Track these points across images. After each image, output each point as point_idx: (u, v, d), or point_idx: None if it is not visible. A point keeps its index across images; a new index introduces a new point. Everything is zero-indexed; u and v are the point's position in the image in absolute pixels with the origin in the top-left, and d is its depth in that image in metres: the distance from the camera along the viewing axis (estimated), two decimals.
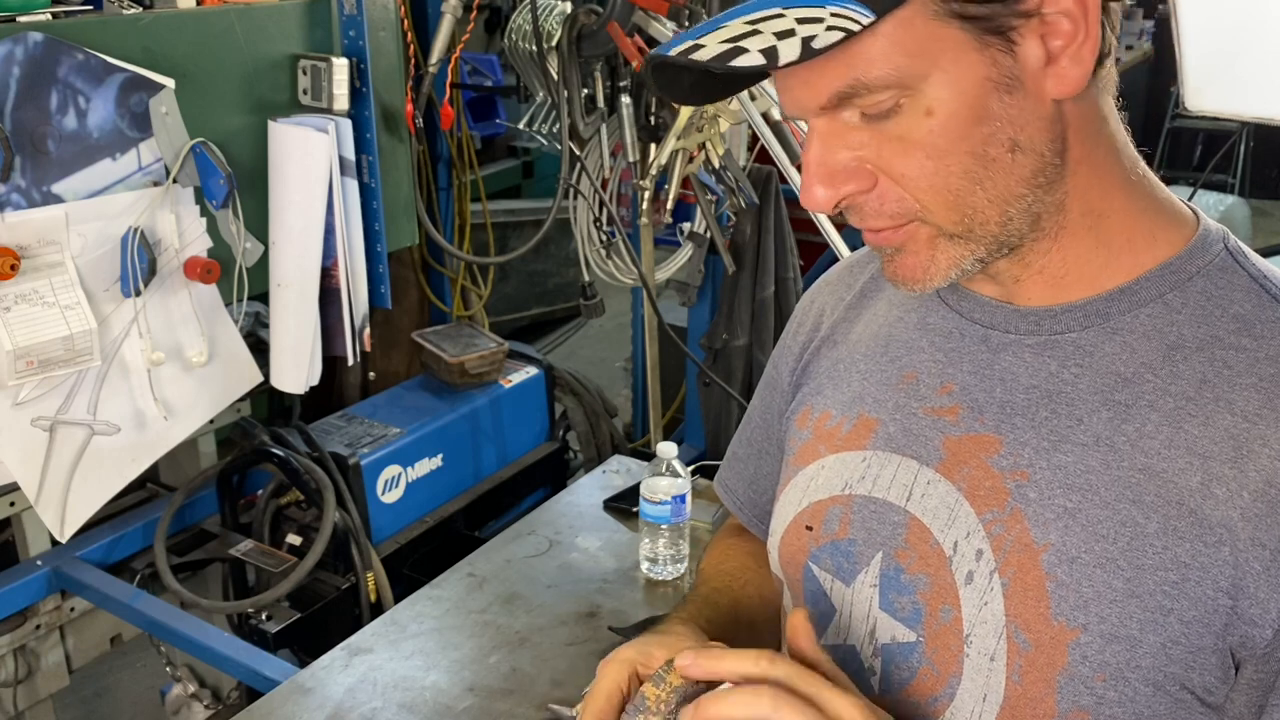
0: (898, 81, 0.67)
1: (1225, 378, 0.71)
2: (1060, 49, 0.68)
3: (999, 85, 0.68)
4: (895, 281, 0.77)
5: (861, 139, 0.71)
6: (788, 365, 0.98)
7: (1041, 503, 0.73)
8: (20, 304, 1.65)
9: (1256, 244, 0.80)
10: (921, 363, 0.84)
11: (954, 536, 0.77)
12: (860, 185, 0.72)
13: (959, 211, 0.71)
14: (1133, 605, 0.69)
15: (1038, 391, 0.76)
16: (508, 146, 5.81)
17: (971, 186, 0.70)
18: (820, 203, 0.72)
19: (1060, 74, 0.69)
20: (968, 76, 0.67)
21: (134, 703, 2.87)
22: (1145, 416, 0.72)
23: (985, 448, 0.77)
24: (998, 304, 0.80)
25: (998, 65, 0.68)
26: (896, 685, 0.79)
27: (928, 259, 0.74)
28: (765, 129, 2.18)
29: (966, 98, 0.68)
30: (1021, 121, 0.69)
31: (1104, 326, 0.75)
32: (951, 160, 0.69)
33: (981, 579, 0.75)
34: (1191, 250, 0.76)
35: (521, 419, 2.71)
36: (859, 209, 0.73)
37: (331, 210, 1.99)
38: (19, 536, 2.16)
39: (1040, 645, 0.72)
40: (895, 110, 0.68)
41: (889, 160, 0.70)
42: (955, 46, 0.67)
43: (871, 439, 0.84)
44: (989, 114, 0.68)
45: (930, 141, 0.69)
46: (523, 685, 1.55)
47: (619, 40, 2.10)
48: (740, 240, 2.75)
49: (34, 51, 1.63)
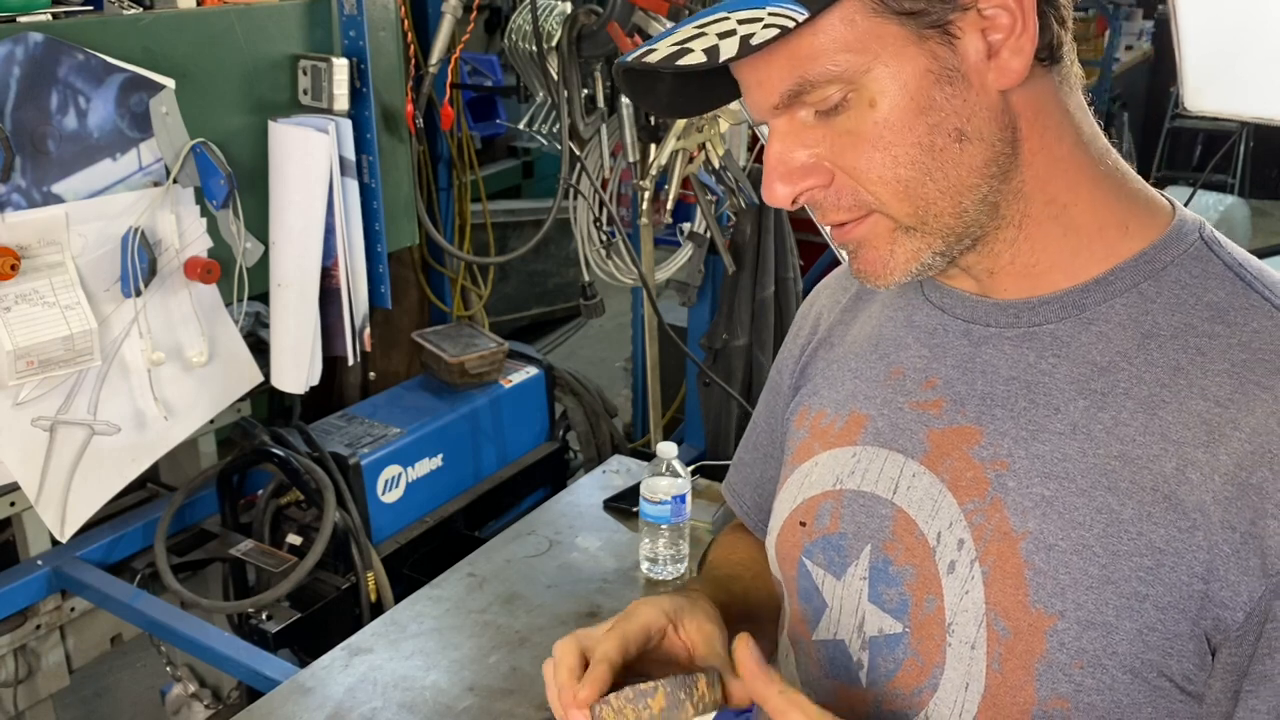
0: (840, 76, 0.70)
1: (1198, 364, 0.72)
2: (1000, 42, 0.71)
3: (940, 77, 0.71)
4: (860, 277, 0.79)
5: (816, 136, 0.74)
6: (788, 368, 1.00)
7: (1020, 491, 0.75)
8: (20, 304, 1.65)
9: (1256, 244, 0.81)
10: (908, 359, 0.85)
11: (937, 527, 0.78)
12: (818, 180, 0.75)
13: (911, 203, 0.73)
14: (1108, 591, 0.70)
15: (1017, 383, 0.78)
16: (508, 146, 5.81)
17: (921, 177, 0.72)
18: (780, 198, 0.75)
19: (1002, 66, 0.71)
20: (908, 69, 0.70)
21: (134, 703, 2.87)
22: (1121, 404, 0.73)
23: (967, 439, 0.79)
24: (977, 299, 0.81)
25: (937, 58, 0.70)
26: (883, 677, 0.80)
27: (887, 253, 0.76)
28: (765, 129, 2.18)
29: (909, 90, 0.70)
30: (967, 112, 0.72)
31: (1080, 317, 0.77)
32: (898, 151, 0.72)
33: (963, 568, 0.76)
34: (1166, 240, 0.77)
35: (521, 419, 2.71)
36: (819, 204, 0.76)
37: (331, 210, 1.99)
38: (19, 536, 2.16)
39: (1019, 632, 0.73)
40: (843, 105, 0.72)
41: (841, 155, 0.73)
42: (895, 41, 0.70)
43: (861, 434, 0.86)
44: (932, 105, 0.71)
45: (876, 134, 0.72)
46: (523, 685, 1.55)
47: (619, 40, 2.09)
48: (740, 240, 2.75)
49: (34, 52, 1.63)
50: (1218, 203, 3.95)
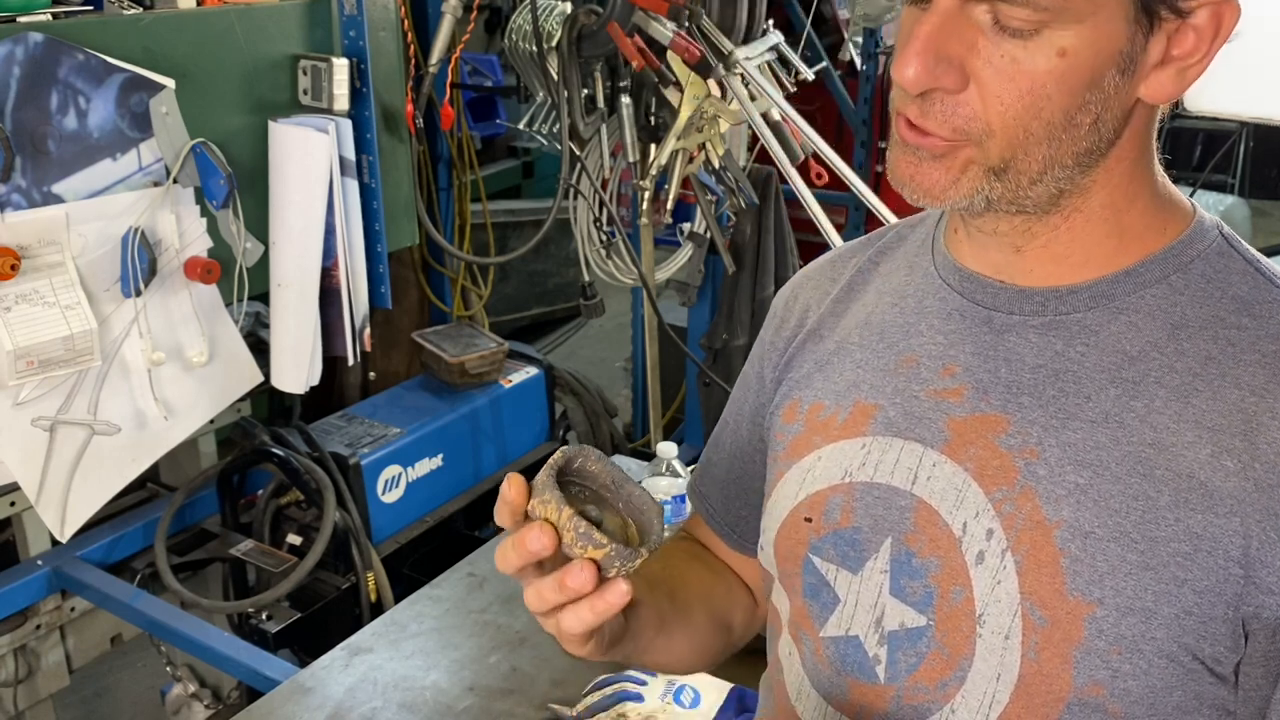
0: (1058, 10, 0.67)
1: (1230, 354, 0.73)
2: (1177, 58, 0.70)
3: (1120, 63, 0.69)
4: (909, 186, 0.75)
5: (978, 42, 0.69)
6: (770, 362, 0.98)
7: (1052, 480, 0.74)
8: (21, 304, 1.65)
9: (1256, 244, 0.81)
10: (921, 346, 0.84)
11: (963, 517, 0.77)
12: (952, 83, 0.70)
13: (1014, 151, 0.71)
14: (1148, 578, 0.70)
15: (1044, 371, 0.77)
16: (508, 146, 5.81)
17: (1043, 138, 0.71)
18: (910, 79, 0.70)
19: (1161, 80, 0.71)
20: (1109, 41, 0.68)
21: (134, 703, 2.87)
22: (1153, 393, 0.73)
23: (992, 427, 0.78)
24: (1000, 285, 0.80)
25: (1132, 44, 0.69)
26: (904, 671, 0.79)
27: (955, 175, 0.73)
28: (765, 129, 2.18)
29: (1098, 60, 0.69)
30: (1113, 104, 0.71)
31: (1109, 306, 0.76)
32: (1046, 106, 0.69)
33: (993, 558, 0.75)
34: (1190, 236, 0.77)
35: (521, 419, 2.71)
36: (930, 105, 0.72)
37: (332, 210, 1.99)
38: (19, 536, 2.17)
39: (1056, 621, 0.72)
40: (1029, 34, 0.68)
41: (992, 75, 0.69)
42: (1115, 8, 0.68)
43: (870, 425, 0.84)
44: (1099, 84, 0.69)
45: (1043, 79, 0.68)
46: (523, 685, 1.55)
47: (619, 40, 2.10)
48: (740, 240, 2.75)
49: (34, 52, 1.63)
50: (1218, 203, 3.95)
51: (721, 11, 2.20)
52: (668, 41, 2.07)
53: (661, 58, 2.14)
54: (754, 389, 1.00)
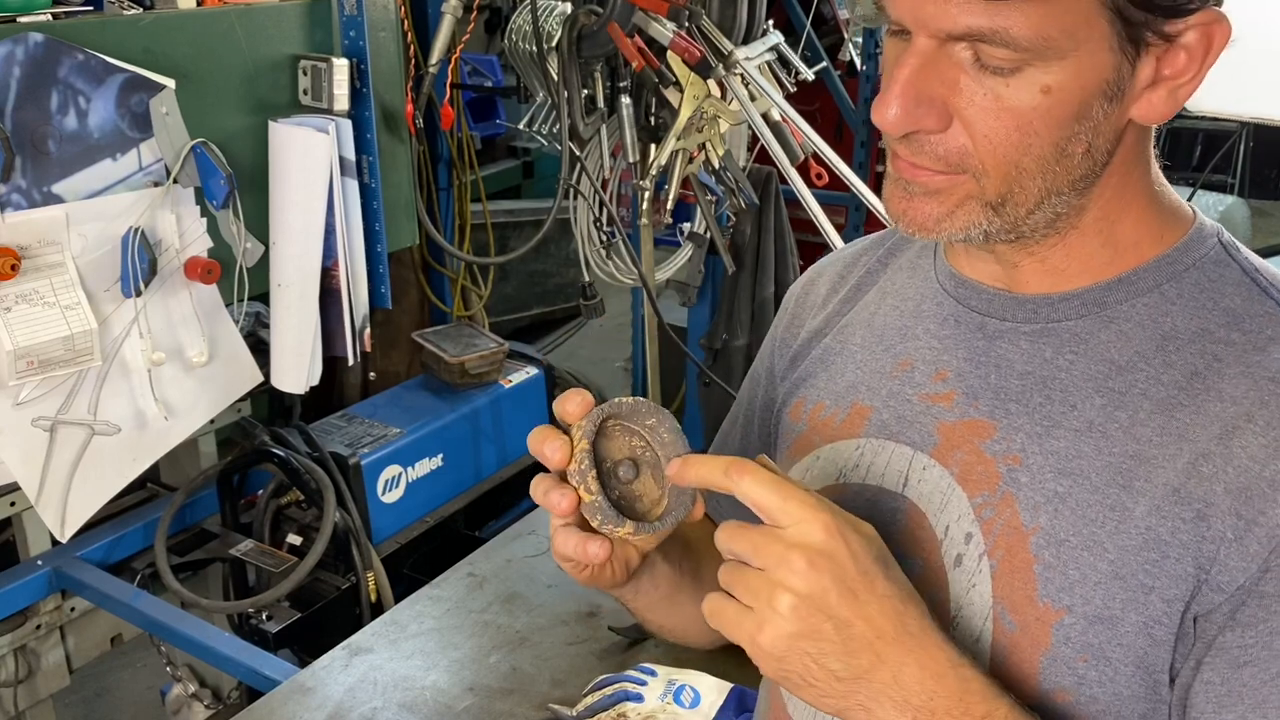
0: (1037, 48, 0.66)
1: (1215, 369, 0.73)
2: (1168, 77, 0.69)
3: (1108, 91, 0.69)
4: (903, 220, 0.75)
5: (960, 81, 0.69)
6: (780, 357, 0.99)
7: (1032, 486, 0.75)
8: (21, 304, 1.65)
9: (1256, 244, 0.81)
10: (917, 350, 0.85)
11: (946, 520, 0.78)
12: (935, 123, 0.70)
13: (1009, 186, 0.71)
14: (1116, 586, 0.70)
15: (1032, 378, 0.77)
16: (508, 147, 5.81)
17: (1036, 172, 0.70)
18: (890, 121, 0.70)
19: (1153, 101, 0.70)
20: (1094, 73, 0.68)
21: (134, 703, 2.87)
22: (1138, 404, 0.73)
23: (979, 432, 0.78)
24: (995, 292, 0.81)
25: (1117, 73, 0.68)
26: None
27: (950, 209, 0.73)
28: (765, 129, 2.18)
29: (1084, 93, 0.68)
30: (1104, 129, 0.70)
31: (1101, 315, 0.77)
32: (1035, 142, 0.69)
33: (970, 561, 0.76)
34: (1187, 243, 0.77)
35: (521, 419, 2.71)
36: (917, 143, 0.72)
37: (332, 210, 1.99)
38: (19, 536, 2.17)
39: (1025, 627, 0.73)
40: (1010, 72, 0.67)
41: (976, 114, 0.69)
42: (1098, 40, 0.67)
43: (865, 427, 0.85)
44: (1087, 115, 0.69)
45: (1028, 117, 0.68)
46: (523, 685, 1.55)
47: (619, 41, 2.10)
48: (740, 240, 2.75)
49: (34, 52, 1.63)
50: (1217, 203, 3.95)
51: (721, 12, 2.20)
52: (668, 42, 2.07)
53: (661, 58, 2.14)
54: (763, 384, 1.01)
